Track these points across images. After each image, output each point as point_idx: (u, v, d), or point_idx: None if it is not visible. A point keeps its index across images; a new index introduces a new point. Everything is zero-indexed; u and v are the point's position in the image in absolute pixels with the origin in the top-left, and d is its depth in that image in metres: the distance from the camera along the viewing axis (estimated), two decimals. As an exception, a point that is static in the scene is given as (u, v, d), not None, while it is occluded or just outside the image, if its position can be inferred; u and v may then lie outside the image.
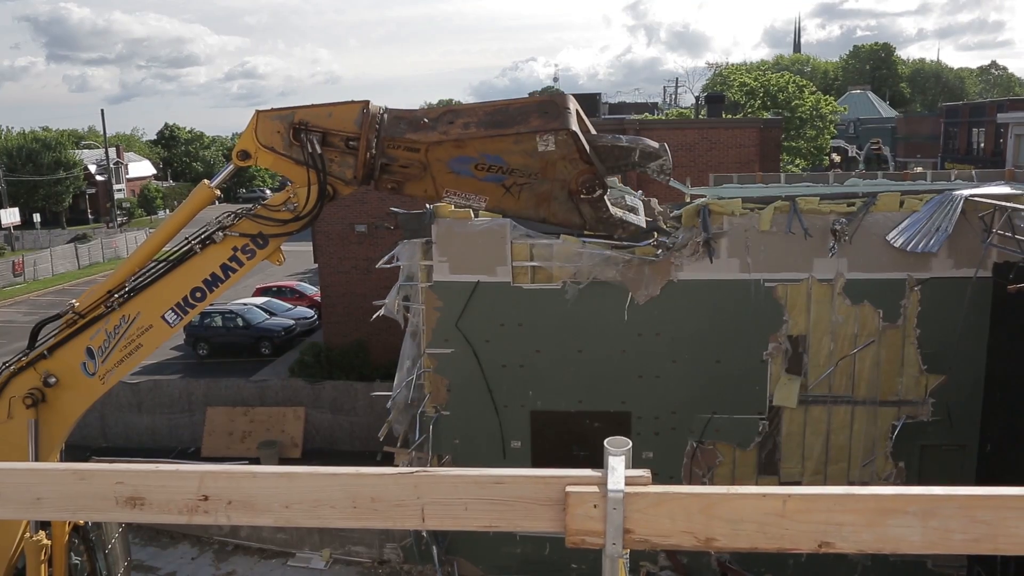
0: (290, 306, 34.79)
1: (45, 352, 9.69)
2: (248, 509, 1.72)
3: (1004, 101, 53.22)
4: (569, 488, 1.62)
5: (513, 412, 16.22)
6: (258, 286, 38.40)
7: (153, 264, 10.16)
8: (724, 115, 39.73)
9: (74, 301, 10.10)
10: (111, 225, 71.62)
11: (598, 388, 15.97)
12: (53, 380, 9.69)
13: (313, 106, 9.80)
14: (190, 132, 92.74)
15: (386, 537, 17.68)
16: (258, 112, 9.75)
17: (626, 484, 1.61)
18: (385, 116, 9.55)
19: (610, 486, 1.59)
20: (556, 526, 1.64)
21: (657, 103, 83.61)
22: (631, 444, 1.72)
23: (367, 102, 9.74)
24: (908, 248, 14.70)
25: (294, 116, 9.58)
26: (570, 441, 16.19)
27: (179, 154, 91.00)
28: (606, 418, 16.17)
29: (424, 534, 17.28)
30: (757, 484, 5.19)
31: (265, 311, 32.84)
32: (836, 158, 57.94)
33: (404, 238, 16.79)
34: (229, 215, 9.99)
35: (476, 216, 15.94)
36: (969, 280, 14.79)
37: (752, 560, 16.18)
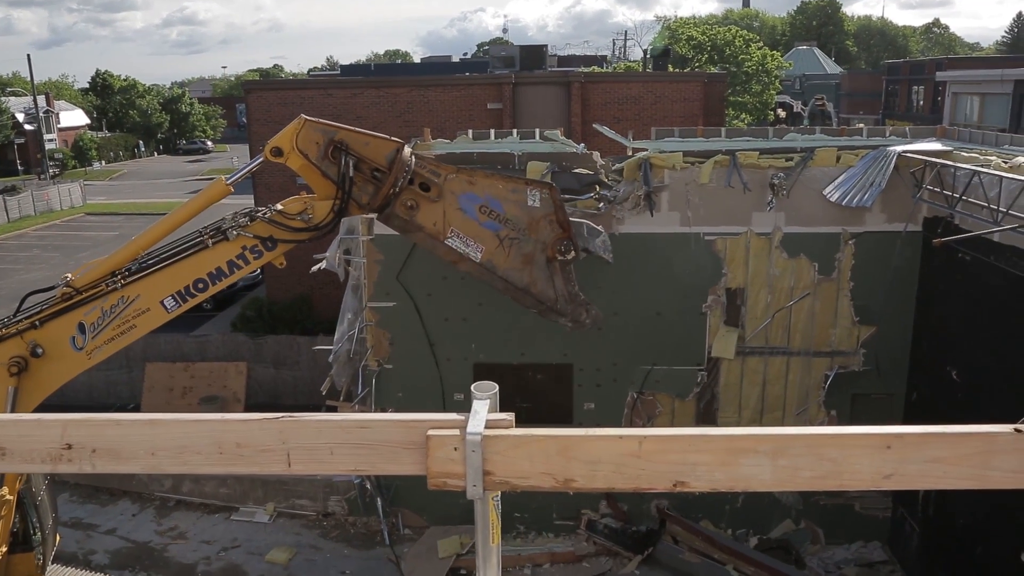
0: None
1: (37, 322, 9.76)
2: (113, 457, 1.68)
3: (943, 59, 54.18)
4: (431, 432, 1.62)
5: (456, 365, 16.27)
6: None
7: (160, 250, 10.42)
8: (673, 69, 39.73)
9: (69, 275, 10.14)
10: (43, 177, 69.02)
11: (540, 341, 16.08)
12: (40, 351, 9.66)
13: (355, 130, 10.67)
14: (125, 80, 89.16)
15: (330, 490, 17.74)
16: (305, 119, 10.40)
17: (487, 428, 1.61)
18: (413, 160, 10.90)
19: (469, 429, 1.60)
20: (419, 469, 1.64)
21: (606, 56, 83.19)
22: (497, 388, 1.72)
23: (403, 143, 10.91)
24: (843, 203, 14.98)
25: (336, 134, 10.43)
26: (513, 394, 16.32)
27: (114, 103, 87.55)
28: (548, 371, 16.34)
29: (368, 486, 17.38)
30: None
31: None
32: (781, 113, 58.46)
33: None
34: (244, 215, 10.49)
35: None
36: (899, 234, 15.17)
37: (690, 507, 16.64)
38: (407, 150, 10.85)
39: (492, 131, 17.64)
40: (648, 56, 44.59)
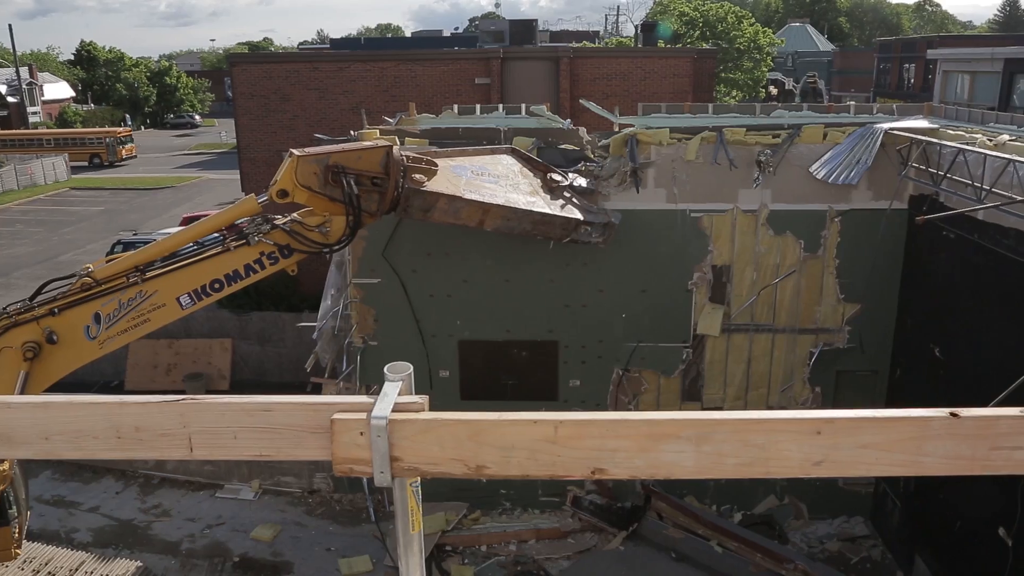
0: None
1: (55, 310, 10.01)
2: (4, 442, 1.58)
3: (934, 37, 53.98)
4: (336, 415, 1.52)
5: (441, 342, 16.19)
6: (185, 215, 37.21)
7: (183, 250, 10.92)
8: (663, 45, 39.39)
9: (90, 265, 10.56)
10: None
11: (525, 317, 16.01)
12: (55, 338, 10.01)
13: (344, 151, 11.29)
14: (111, 52, 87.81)
15: (316, 467, 17.71)
16: (296, 155, 10.89)
17: (396, 411, 1.52)
18: (404, 156, 11.57)
19: (375, 413, 1.50)
20: (326, 454, 1.55)
21: (599, 32, 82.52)
22: (411, 369, 1.62)
23: (390, 146, 11.52)
24: (830, 180, 14.88)
25: (329, 159, 10.98)
26: (498, 370, 16.29)
27: (99, 76, 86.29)
28: (533, 347, 16.27)
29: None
30: (681, 411, 5.20)
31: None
32: (773, 90, 58.26)
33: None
34: (265, 222, 11.02)
35: (403, 142, 15.57)
36: (885, 212, 15.11)
37: (675, 483, 16.68)
38: (395, 149, 11.52)
39: (478, 106, 17.47)
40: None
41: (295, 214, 11.18)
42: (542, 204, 13.53)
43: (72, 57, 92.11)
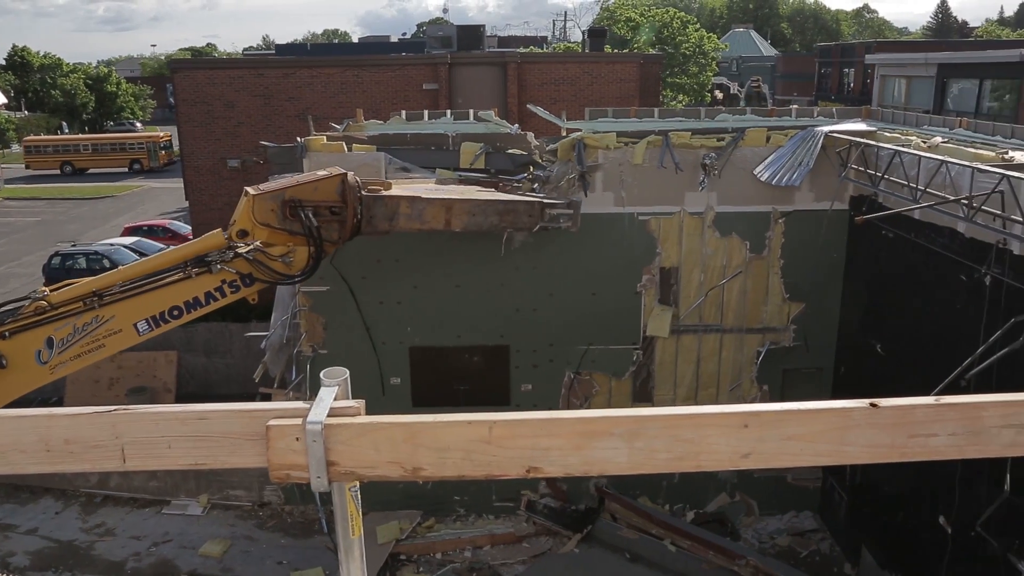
0: (163, 246, 33.15)
1: (6, 333, 9.85)
2: (-72, 458, 1.53)
3: (872, 43, 55.46)
4: (271, 422, 1.52)
5: (392, 349, 16.10)
6: (127, 225, 36.38)
7: (140, 277, 10.80)
8: (611, 50, 39.80)
9: (45, 289, 10.46)
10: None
11: (477, 323, 16.01)
12: (5, 362, 9.77)
13: (299, 184, 11.46)
14: (46, 57, 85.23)
15: (266, 479, 17.40)
16: (252, 194, 11.05)
17: (332, 416, 1.52)
18: (359, 181, 11.87)
19: (310, 418, 1.51)
20: (262, 461, 1.54)
21: (546, 37, 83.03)
22: (347, 374, 1.63)
23: (345, 174, 11.73)
24: (773, 182, 15.20)
25: (285, 195, 11.14)
26: (450, 376, 16.25)
27: (33, 82, 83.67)
28: (485, 352, 16.28)
29: (304, 474, 17.12)
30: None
31: (135, 251, 31.17)
32: (719, 95, 59.20)
33: (275, 172, 16.20)
34: (229, 249, 11.02)
35: (351, 149, 15.48)
36: (827, 212, 15.48)
37: (628, 484, 16.82)
38: (350, 176, 11.81)
39: (426, 112, 17.43)
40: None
41: (258, 242, 11.19)
42: (503, 197, 13.77)
43: (3, 63, 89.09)
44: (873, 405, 1.44)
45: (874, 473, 14.84)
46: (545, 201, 14.03)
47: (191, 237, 32.54)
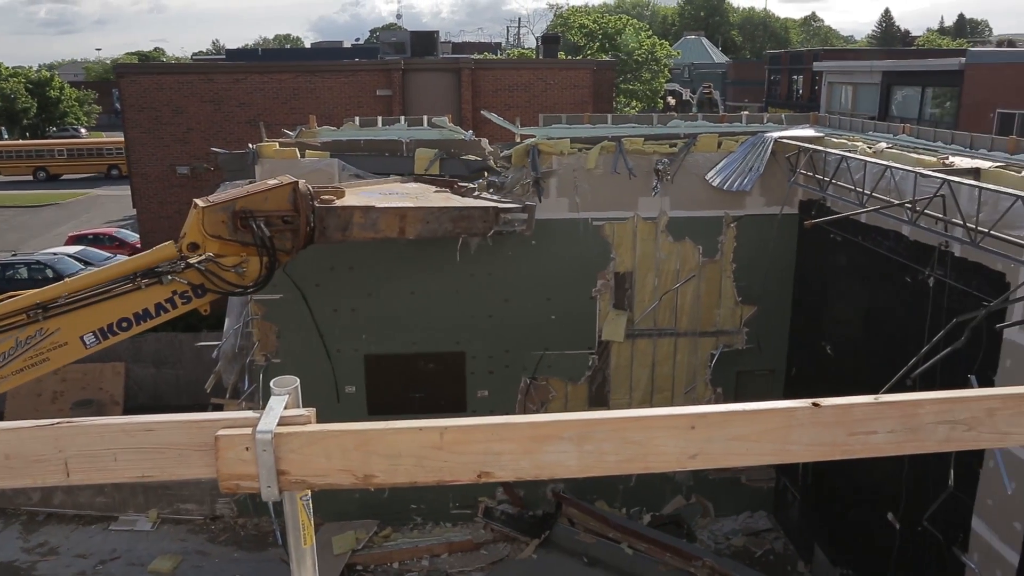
0: (109, 255, 32.36)
1: None
2: None
3: (820, 51, 56.73)
4: (220, 432, 1.51)
5: (346, 356, 15.96)
6: (71, 234, 35.43)
7: (88, 288, 10.50)
8: (565, 57, 40.06)
9: None
10: None
11: (432, 329, 15.96)
12: None
13: (250, 195, 11.25)
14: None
15: (218, 491, 17.00)
16: (200, 206, 10.84)
17: (282, 424, 1.51)
18: (311, 189, 11.70)
19: (260, 427, 1.50)
20: (212, 472, 1.52)
21: (501, 43, 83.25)
22: (298, 382, 1.62)
23: (296, 182, 11.54)
24: (724, 187, 15.45)
25: (235, 206, 10.99)
26: (405, 384, 16.17)
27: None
28: (441, 359, 16.23)
29: (259, 485, 16.85)
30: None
31: (80, 261, 30.42)
32: (671, 101, 59.93)
33: (226, 179, 15.99)
34: (180, 259, 10.79)
35: (303, 155, 15.34)
36: (777, 217, 15.77)
37: (585, 489, 16.90)
38: (301, 183, 11.68)
39: (379, 118, 17.35)
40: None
41: (210, 252, 11.05)
42: (457, 202, 13.71)
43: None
44: (815, 405, 1.48)
45: (826, 473, 15.13)
46: (500, 206, 13.99)
47: (139, 246, 31.91)
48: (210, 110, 25.50)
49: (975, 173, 11.14)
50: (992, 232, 9.61)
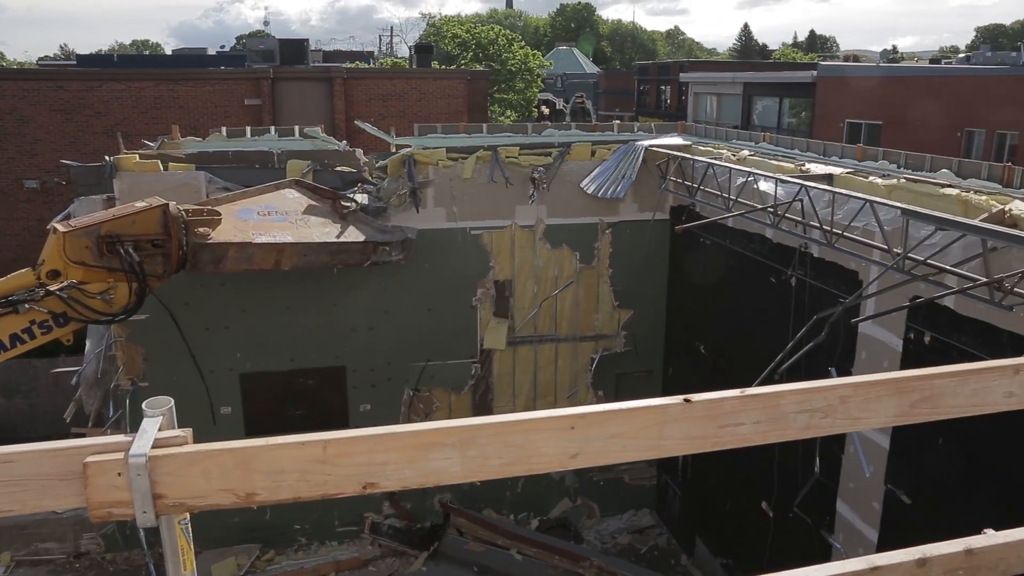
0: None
1: None
2: None
3: (685, 62, 59.23)
4: (89, 459, 1.44)
5: (220, 376, 15.36)
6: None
7: None
8: (439, 66, 40.12)
9: None
10: None
11: (310, 345, 15.60)
12: None
13: (116, 218, 10.59)
14: None
15: (82, 527, 16.07)
16: (61, 231, 10.15)
17: (157, 447, 1.46)
18: (183, 212, 11.13)
19: (133, 451, 1.44)
20: (80, 501, 1.45)
21: (373, 52, 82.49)
22: (172, 403, 1.57)
23: (166, 204, 11.00)
24: (599, 194, 15.86)
25: (100, 230, 10.34)
26: (285, 402, 15.72)
27: None
28: (320, 375, 15.88)
29: (129, 515, 15.95)
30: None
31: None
32: (545, 111, 61.02)
33: (81, 194, 15.07)
34: (40, 287, 10.04)
35: (167, 168, 14.67)
36: (649, 222, 16.34)
37: (473, 498, 16.92)
38: (172, 206, 11.14)
39: (248, 128, 16.83)
40: (413, 54, 44.83)
41: (74, 279, 10.36)
42: (336, 233, 13.43)
43: None
44: (687, 400, 1.56)
45: (703, 467, 15.76)
46: (379, 239, 13.92)
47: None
48: (61, 120, 24.01)
49: (829, 179, 11.91)
50: (845, 234, 10.30)
